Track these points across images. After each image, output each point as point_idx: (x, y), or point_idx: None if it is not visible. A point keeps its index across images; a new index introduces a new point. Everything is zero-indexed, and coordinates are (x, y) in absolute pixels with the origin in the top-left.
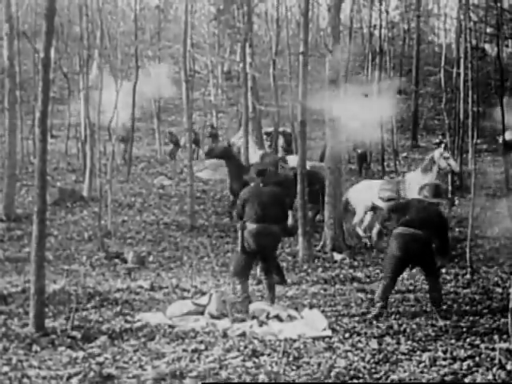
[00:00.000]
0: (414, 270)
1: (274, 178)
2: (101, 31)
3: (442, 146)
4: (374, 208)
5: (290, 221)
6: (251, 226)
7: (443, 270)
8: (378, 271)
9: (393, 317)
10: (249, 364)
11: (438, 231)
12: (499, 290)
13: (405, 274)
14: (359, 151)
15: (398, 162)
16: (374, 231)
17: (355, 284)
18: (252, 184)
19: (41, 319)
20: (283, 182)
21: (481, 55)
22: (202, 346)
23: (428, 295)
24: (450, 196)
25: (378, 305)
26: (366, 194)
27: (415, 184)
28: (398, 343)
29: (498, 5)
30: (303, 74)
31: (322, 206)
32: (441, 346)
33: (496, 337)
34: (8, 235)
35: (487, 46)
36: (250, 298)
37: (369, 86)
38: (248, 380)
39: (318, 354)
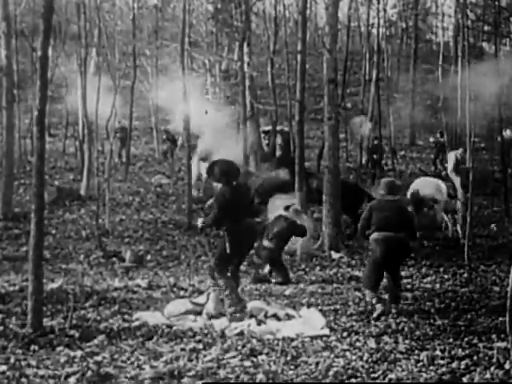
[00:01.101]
0: None
1: (268, 182)
2: (98, 30)
3: (461, 149)
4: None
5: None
6: (237, 225)
7: (441, 269)
8: None
9: (390, 316)
10: (247, 363)
11: (408, 226)
12: (497, 288)
13: (402, 273)
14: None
15: (395, 161)
16: None
17: (353, 283)
18: (221, 185)
19: (39, 318)
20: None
21: (478, 54)
22: (200, 346)
23: (389, 293)
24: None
25: (379, 305)
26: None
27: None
28: (396, 342)
29: (496, 3)
30: (301, 72)
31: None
32: (439, 345)
33: (494, 336)
34: (6, 234)
35: (485, 45)
36: (242, 296)
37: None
38: (246, 379)
39: (316, 353)
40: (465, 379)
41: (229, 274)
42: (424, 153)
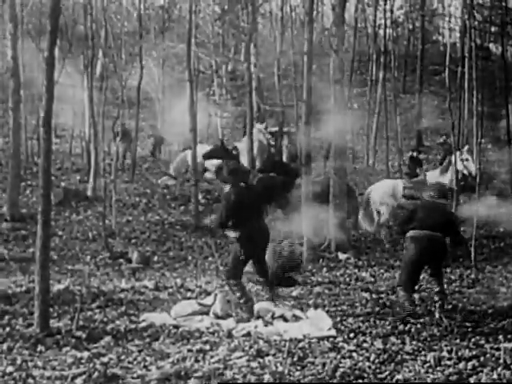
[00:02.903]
0: None
1: (266, 181)
2: (105, 31)
3: (466, 148)
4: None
5: None
6: (245, 227)
7: (448, 270)
8: (382, 271)
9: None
10: (254, 364)
11: (450, 228)
12: (504, 289)
13: None
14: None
15: (402, 162)
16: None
17: (360, 284)
18: (228, 186)
19: (45, 319)
20: (274, 184)
21: (485, 55)
22: (207, 346)
23: (436, 295)
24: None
25: (407, 303)
26: (390, 194)
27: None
28: (403, 343)
29: (503, 4)
30: (308, 73)
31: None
32: (446, 345)
33: (501, 336)
34: (13, 235)
35: (492, 46)
36: (253, 300)
37: None
38: (253, 380)
39: (322, 354)
40: (472, 380)
41: (244, 284)
42: (431, 154)
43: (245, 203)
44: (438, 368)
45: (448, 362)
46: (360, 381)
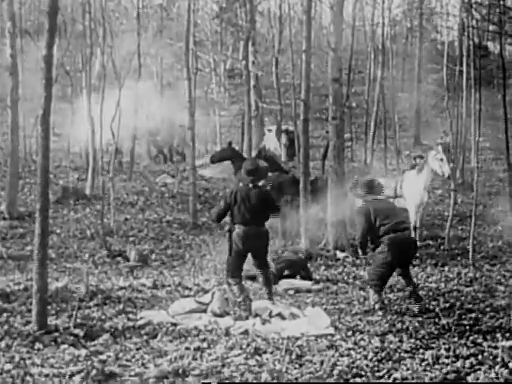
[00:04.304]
0: None
1: (273, 179)
2: (103, 29)
3: (439, 147)
4: None
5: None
6: (239, 228)
7: (446, 268)
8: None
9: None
10: (251, 362)
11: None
12: (502, 288)
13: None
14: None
15: (400, 160)
16: None
17: (358, 282)
18: (241, 184)
19: (43, 317)
20: (281, 182)
21: (483, 53)
22: (205, 344)
23: (409, 294)
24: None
25: (377, 307)
26: None
27: (408, 182)
28: (401, 341)
29: (501, 3)
30: (306, 71)
31: None
32: (443, 344)
33: (499, 335)
34: (11, 233)
35: (490, 44)
36: (250, 297)
37: None
38: (251, 378)
39: (320, 352)
40: (469, 378)
41: (243, 282)
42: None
43: (245, 204)
44: (436, 366)
45: (446, 360)
46: (358, 379)
